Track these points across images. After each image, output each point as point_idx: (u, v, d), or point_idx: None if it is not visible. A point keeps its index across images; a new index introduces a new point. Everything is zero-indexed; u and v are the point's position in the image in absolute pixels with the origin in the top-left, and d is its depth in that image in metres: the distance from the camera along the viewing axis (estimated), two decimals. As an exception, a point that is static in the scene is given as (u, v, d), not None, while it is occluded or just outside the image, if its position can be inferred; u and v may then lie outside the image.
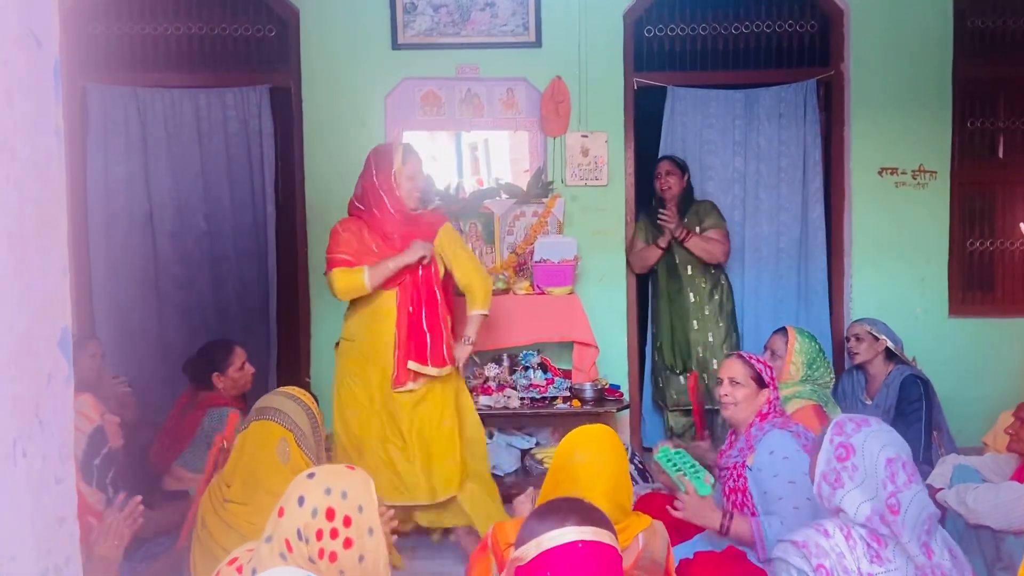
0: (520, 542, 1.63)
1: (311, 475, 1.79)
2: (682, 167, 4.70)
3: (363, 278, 3.37)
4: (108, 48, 4.67)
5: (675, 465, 2.73)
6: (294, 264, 4.80)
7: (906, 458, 2.07)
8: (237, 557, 1.83)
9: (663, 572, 2.17)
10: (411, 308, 3.45)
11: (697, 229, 4.58)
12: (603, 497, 2.14)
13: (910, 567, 1.99)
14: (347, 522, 1.72)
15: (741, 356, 2.90)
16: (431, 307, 3.49)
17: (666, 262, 4.66)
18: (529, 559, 1.58)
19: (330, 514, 1.72)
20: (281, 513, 1.73)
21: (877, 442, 2.07)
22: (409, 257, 3.38)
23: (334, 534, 1.71)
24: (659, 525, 2.25)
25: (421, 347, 3.45)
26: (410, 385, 3.44)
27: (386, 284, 3.42)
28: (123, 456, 3.07)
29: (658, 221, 4.56)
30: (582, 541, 1.57)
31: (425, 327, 3.46)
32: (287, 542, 1.70)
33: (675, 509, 2.62)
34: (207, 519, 2.54)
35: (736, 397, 2.82)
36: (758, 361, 2.87)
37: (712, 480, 2.72)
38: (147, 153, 4.66)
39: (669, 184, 4.64)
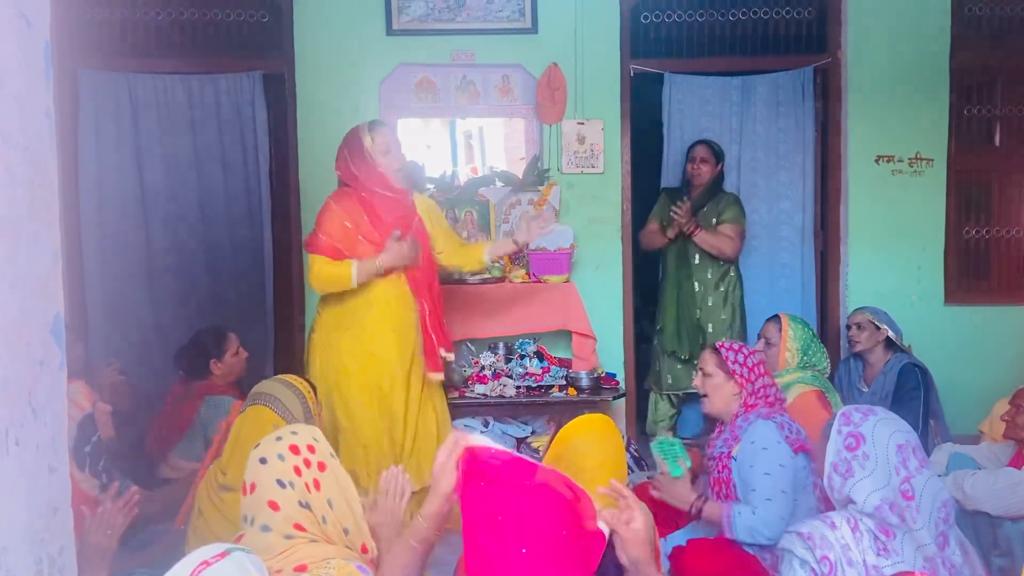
0: None
1: (256, 447, 1.87)
2: (718, 155, 4.63)
3: (351, 275, 3.29)
4: (100, 33, 4.63)
5: (663, 451, 2.77)
6: (288, 251, 4.77)
7: (916, 444, 2.07)
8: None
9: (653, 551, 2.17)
10: (426, 292, 3.46)
11: (713, 221, 4.52)
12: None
13: (918, 559, 1.97)
14: (311, 449, 1.83)
15: (715, 347, 2.89)
16: (437, 289, 3.55)
17: (677, 248, 4.62)
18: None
19: (294, 449, 1.82)
20: (253, 489, 1.79)
21: (886, 429, 2.07)
22: (393, 260, 3.32)
23: (307, 464, 1.81)
24: (643, 506, 2.25)
25: (440, 331, 3.50)
26: (442, 375, 3.51)
27: (390, 271, 3.39)
28: (117, 444, 3.06)
29: (671, 214, 4.48)
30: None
31: (439, 311, 3.52)
32: (270, 503, 1.75)
33: (655, 489, 2.70)
34: (204, 508, 2.53)
35: (705, 388, 2.86)
36: (735, 352, 2.84)
37: (688, 464, 2.75)
38: (139, 139, 4.62)
39: (700, 171, 4.56)
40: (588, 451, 2.18)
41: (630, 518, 1.74)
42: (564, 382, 4.24)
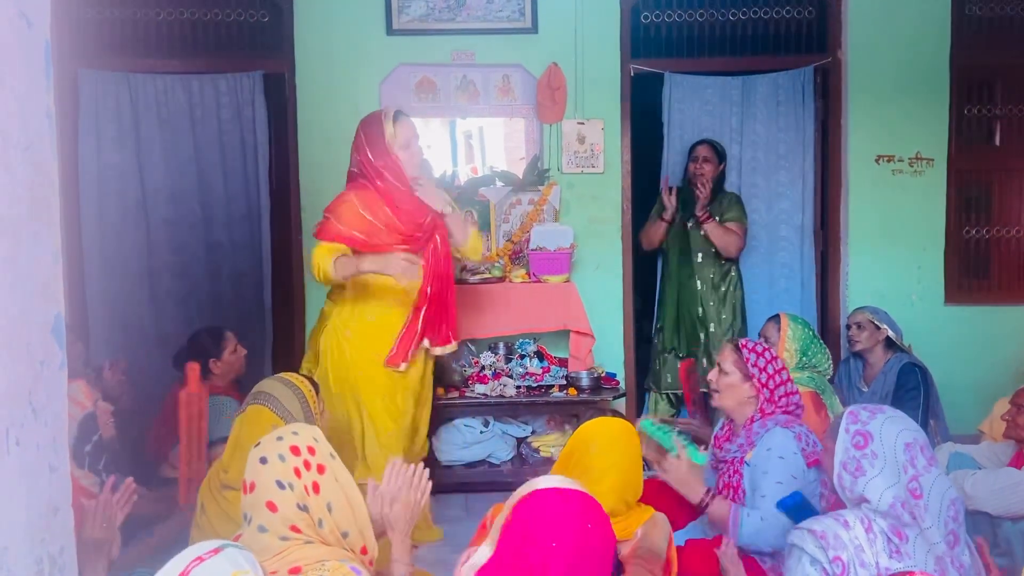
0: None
1: (256, 445, 1.85)
2: (720, 154, 4.63)
3: (329, 269, 3.17)
4: (100, 33, 4.62)
5: (665, 432, 2.68)
6: (288, 251, 4.77)
7: (923, 442, 2.05)
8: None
9: (663, 562, 2.17)
10: (436, 279, 3.40)
11: (717, 219, 4.54)
12: (610, 492, 2.14)
13: (930, 562, 1.95)
14: (311, 451, 1.81)
15: (737, 344, 2.84)
16: (450, 280, 3.48)
17: (679, 246, 4.63)
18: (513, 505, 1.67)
19: (295, 450, 1.80)
20: (253, 488, 1.77)
21: (894, 427, 2.05)
22: (387, 269, 3.18)
23: (307, 466, 1.79)
24: (660, 517, 2.24)
25: (440, 324, 3.42)
26: (403, 366, 3.39)
27: (412, 248, 3.33)
28: (118, 444, 3.06)
29: (693, 188, 4.49)
30: (559, 488, 1.66)
31: (445, 302, 3.44)
32: (269, 504, 1.73)
33: (663, 472, 2.60)
34: (207, 506, 2.53)
35: (719, 384, 2.78)
36: (757, 354, 2.76)
37: (707, 453, 2.70)
38: (140, 140, 4.62)
39: (704, 171, 4.56)
40: (599, 451, 2.18)
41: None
42: (564, 382, 4.24)
